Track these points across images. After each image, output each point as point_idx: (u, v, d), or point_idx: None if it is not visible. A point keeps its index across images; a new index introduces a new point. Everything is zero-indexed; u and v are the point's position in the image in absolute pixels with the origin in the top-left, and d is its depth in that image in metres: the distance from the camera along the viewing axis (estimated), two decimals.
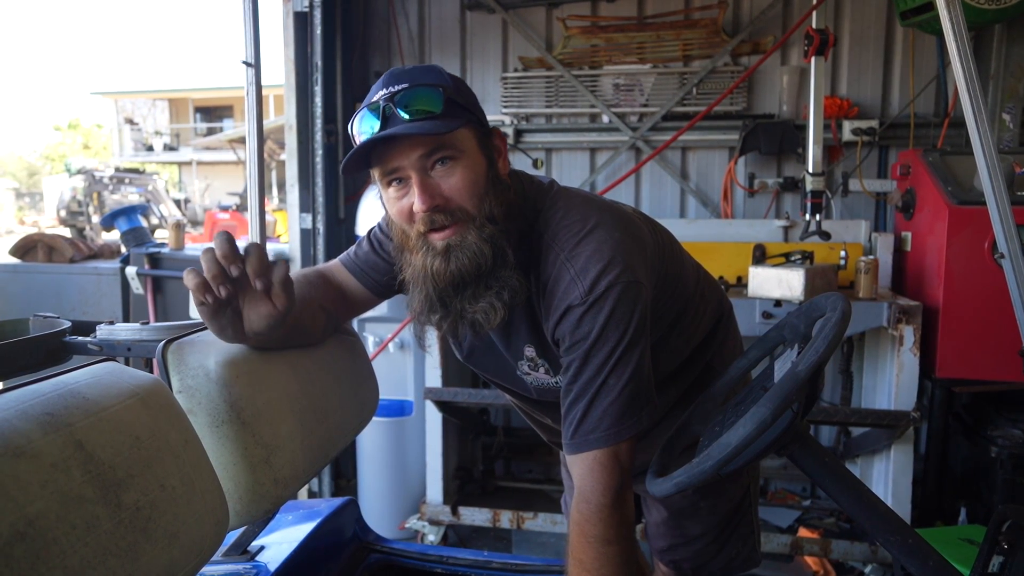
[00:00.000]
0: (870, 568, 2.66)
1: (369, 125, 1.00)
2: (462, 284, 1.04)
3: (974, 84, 1.01)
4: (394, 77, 1.03)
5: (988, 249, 2.42)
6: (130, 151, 23.94)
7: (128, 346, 1.29)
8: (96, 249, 4.22)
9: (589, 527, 1.02)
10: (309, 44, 3.21)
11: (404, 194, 1.03)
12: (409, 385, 3.15)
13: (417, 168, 1.01)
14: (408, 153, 1.00)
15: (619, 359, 1.01)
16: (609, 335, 1.00)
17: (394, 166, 1.02)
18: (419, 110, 0.99)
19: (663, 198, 3.48)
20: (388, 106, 0.99)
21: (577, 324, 1.02)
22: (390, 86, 1.01)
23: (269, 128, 9.60)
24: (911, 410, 2.48)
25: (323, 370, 1.20)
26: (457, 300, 1.06)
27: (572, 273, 1.02)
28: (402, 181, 1.03)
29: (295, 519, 1.47)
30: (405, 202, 1.03)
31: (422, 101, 0.99)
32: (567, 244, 1.05)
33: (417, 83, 1.01)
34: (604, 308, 1.00)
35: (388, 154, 1.01)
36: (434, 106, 0.99)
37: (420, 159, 1.00)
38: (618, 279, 1.00)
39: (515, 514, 2.88)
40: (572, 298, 1.02)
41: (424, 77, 1.02)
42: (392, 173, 1.03)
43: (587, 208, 1.09)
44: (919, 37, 3.11)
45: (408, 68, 1.05)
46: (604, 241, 1.03)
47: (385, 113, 0.99)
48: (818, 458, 0.94)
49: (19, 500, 0.63)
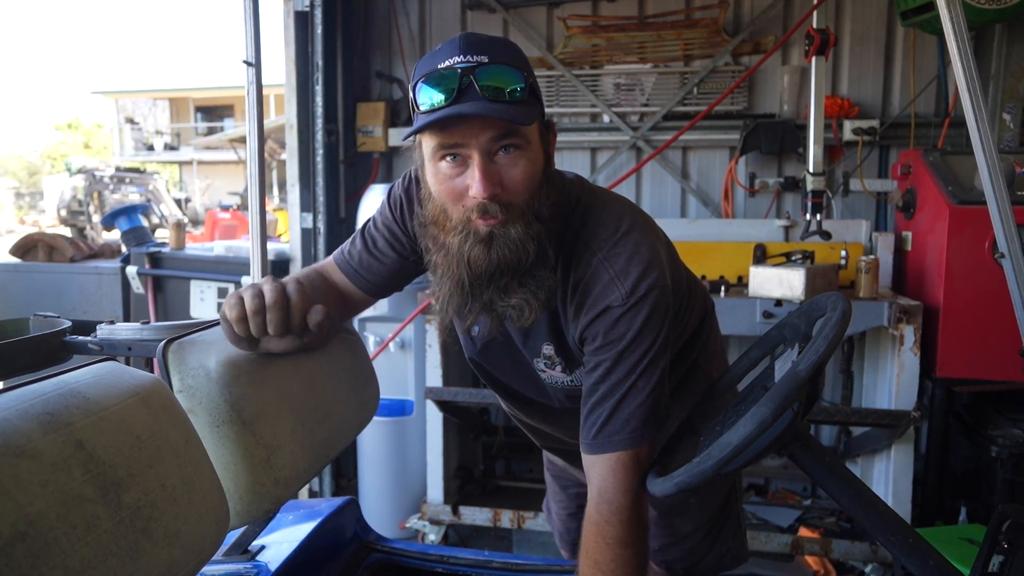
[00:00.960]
0: (871, 568, 2.66)
1: (442, 90, 0.92)
2: (497, 275, 1.00)
3: (975, 84, 1.01)
4: (472, 45, 0.95)
5: (988, 249, 2.42)
6: (131, 150, 23.94)
7: (128, 346, 1.29)
8: (97, 249, 4.23)
9: (608, 528, 1.01)
10: (310, 43, 3.21)
11: (459, 173, 0.97)
12: (410, 385, 3.14)
13: (483, 150, 0.95)
14: (478, 133, 0.93)
15: (650, 363, 1.01)
16: (644, 338, 1.00)
17: (457, 141, 0.95)
18: (500, 91, 0.92)
19: (664, 198, 3.48)
20: (467, 77, 0.92)
21: (613, 325, 1.01)
22: (468, 54, 0.93)
23: (270, 127, 9.60)
24: (911, 410, 2.48)
25: (324, 370, 1.19)
26: (487, 291, 1.02)
27: (612, 273, 1.01)
28: (458, 158, 0.96)
29: (296, 519, 1.47)
30: (459, 182, 0.97)
31: (505, 82, 0.93)
32: (604, 243, 1.03)
33: (498, 60, 0.94)
34: (642, 311, 1.00)
35: (454, 127, 0.94)
36: (517, 90, 0.93)
37: (489, 142, 0.94)
38: (656, 283, 1.01)
39: (516, 514, 2.88)
40: (612, 299, 1.01)
41: (506, 54, 0.96)
42: (451, 147, 0.96)
43: (619, 207, 1.09)
44: (920, 37, 3.11)
45: (486, 37, 0.97)
46: (641, 243, 1.03)
47: (462, 83, 0.91)
48: (819, 458, 0.94)
49: (20, 500, 0.63)
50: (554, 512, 1.66)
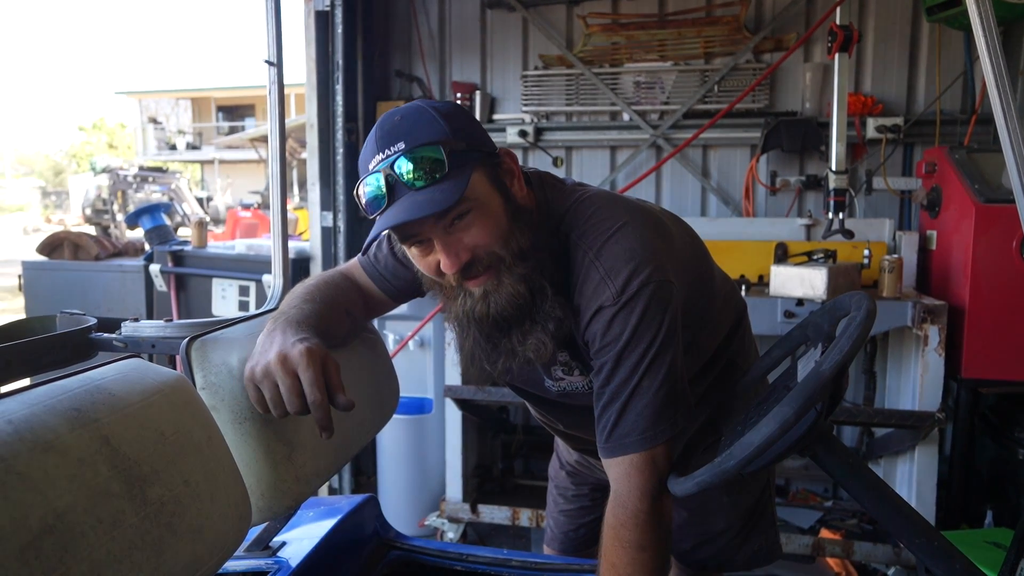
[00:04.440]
0: (893, 570, 2.62)
1: (374, 195, 0.96)
2: (506, 325, 1.03)
3: (1003, 79, 0.99)
4: (387, 135, 0.97)
5: (1016, 248, 2.38)
6: (153, 150, 24.22)
7: (152, 343, 1.30)
8: (121, 247, 4.29)
9: (625, 532, 1.01)
10: (330, 43, 3.23)
11: (428, 252, 1.01)
12: (429, 383, 3.16)
13: (436, 231, 0.97)
14: (423, 221, 0.96)
15: (652, 360, 0.99)
16: (642, 336, 0.99)
17: (411, 232, 0.99)
18: (424, 175, 0.94)
19: (684, 196, 3.45)
20: (391, 175, 0.95)
21: (608, 325, 1.00)
22: (386, 148, 0.96)
23: (290, 127, 9.66)
24: (936, 411, 2.44)
25: (344, 368, 1.20)
26: (506, 340, 1.05)
27: (601, 273, 1.00)
28: (423, 242, 1.00)
29: (316, 515, 1.47)
30: (432, 259, 1.01)
31: (425, 164, 0.94)
32: (594, 243, 1.03)
33: (414, 144, 0.95)
34: (636, 309, 0.98)
35: (402, 225, 0.97)
36: (438, 167, 0.94)
37: (437, 222, 0.97)
38: (650, 279, 0.99)
39: (534, 512, 2.88)
40: (603, 299, 1.00)
41: (419, 132, 0.96)
42: (411, 238, 1.00)
43: (614, 207, 1.07)
44: (946, 33, 3.06)
45: (397, 119, 0.99)
46: (633, 240, 1.01)
47: (388, 182, 0.95)
48: (842, 459, 0.93)
49: (48, 494, 0.64)
50: (551, 516, 1.64)
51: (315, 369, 0.93)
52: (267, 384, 0.94)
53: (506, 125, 3.48)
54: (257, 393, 0.95)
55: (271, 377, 0.94)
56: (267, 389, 0.94)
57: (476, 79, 3.61)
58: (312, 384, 0.92)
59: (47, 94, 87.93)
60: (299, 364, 0.93)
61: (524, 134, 3.43)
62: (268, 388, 0.94)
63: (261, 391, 0.95)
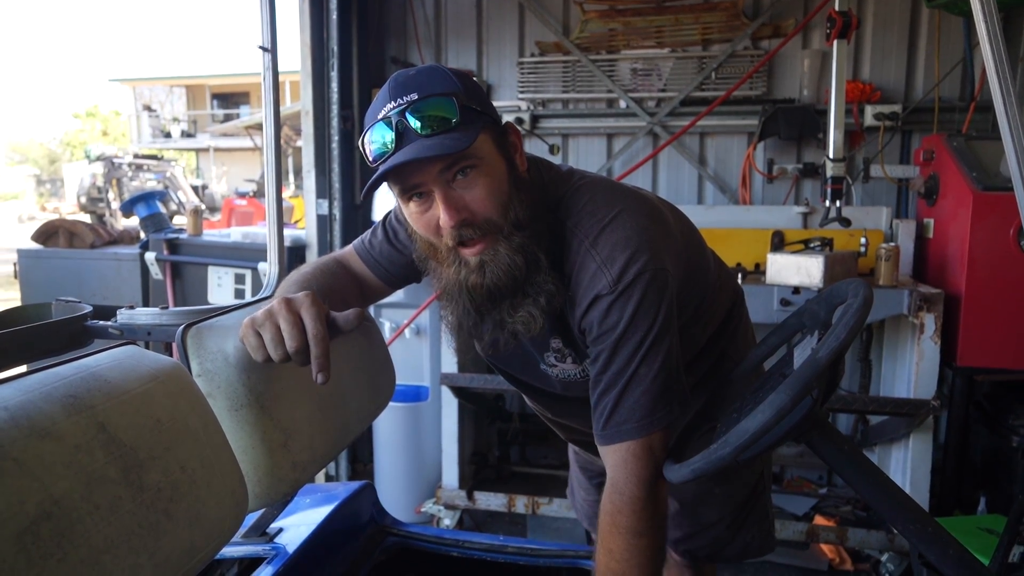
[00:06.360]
0: (887, 556, 2.64)
1: (382, 141, 0.96)
2: (499, 296, 1.02)
3: (1004, 66, 0.98)
4: (400, 86, 0.98)
5: (1014, 236, 2.38)
6: (148, 138, 24.08)
7: (148, 330, 1.30)
8: (116, 235, 4.28)
9: (621, 518, 1.02)
10: (325, 29, 3.21)
11: (427, 208, 1.00)
12: (425, 371, 3.16)
13: (439, 183, 0.97)
14: (428, 169, 0.96)
15: (649, 348, 0.99)
16: (638, 324, 0.99)
17: (414, 182, 0.98)
18: (434, 123, 0.94)
19: (681, 184, 3.45)
20: (401, 121, 0.95)
21: (605, 314, 1.00)
22: (398, 97, 0.96)
23: (286, 114, 9.62)
24: (931, 398, 2.45)
25: (340, 356, 1.20)
26: (496, 311, 1.04)
27: (598, 261, 1.00)
28: (423, 195, 0.99)
29: (313, 502, 1.48)
30: (430, 216, 1.00)
31: (437, 112, 0.95)
32: (591, 231, 1.03)
33: (427, 93, 0.96)
34: (633, 297, 0.99)
35: (405, 171, 0.97)
36: (450, 117, 0.95)
37: (441, 173, 0.96)
38: (646, 267, 0.99)
39: (530, 499, 2.90)
40: (600, 287, 1.00)
41: (433, 84, 0.97)
42: (412, 189, 0.99)
43: (610, 195, 1.07)
44: (945, 19, 3.05)
45: (412, 73, 1.00)
46: (629, 228, 1.01)
47: (398, 129, 0.95)
48: (837, 446, 0.93)
49: (45, 480, 0.64)
50: (579, 498, 1.67)
51: (319, 307, 0.92)
52: (268, 325, 0.91)
53: (502, 112, 3.47)
54: (256, 339, 0.91)
55: (273, 318, 0.91)
56: (268, 330, 0.90)
57: (472, 66, 3.58)
58: (315, 319, 0.90)
59: (41, 81, 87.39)
60: (303, 304, 0.92)
61: (520, 121, 3.42)
62: (269, 328, 0.90)
63: (261, 336, 0.91)
